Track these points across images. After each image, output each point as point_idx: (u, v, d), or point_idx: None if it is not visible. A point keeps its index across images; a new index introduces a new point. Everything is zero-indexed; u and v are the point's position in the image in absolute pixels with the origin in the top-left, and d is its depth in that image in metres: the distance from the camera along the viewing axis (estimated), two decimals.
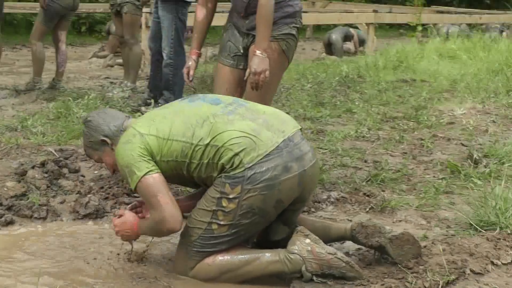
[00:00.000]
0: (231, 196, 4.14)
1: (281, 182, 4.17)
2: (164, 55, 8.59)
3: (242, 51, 5.58)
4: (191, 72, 5.62)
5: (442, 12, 22.39)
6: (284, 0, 5.49)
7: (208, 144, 4.17)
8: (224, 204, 4.17)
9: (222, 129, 4.19)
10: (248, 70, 5.28)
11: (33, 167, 5.99)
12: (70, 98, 8.85)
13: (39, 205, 5.43)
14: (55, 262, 4.54)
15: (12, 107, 9.24)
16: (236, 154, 4.12)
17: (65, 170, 6.07)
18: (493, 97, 10.00)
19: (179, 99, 4.74)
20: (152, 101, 8.70)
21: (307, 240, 4.28)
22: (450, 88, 10.76)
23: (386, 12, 19.76)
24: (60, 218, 5.39)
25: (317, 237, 4.33)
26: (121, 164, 4.27)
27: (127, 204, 5.60)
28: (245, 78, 5.33)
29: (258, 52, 5.24)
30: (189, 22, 8.34)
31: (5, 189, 5.63)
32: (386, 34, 24.25)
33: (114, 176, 5.94)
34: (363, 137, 7.61)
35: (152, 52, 8.97)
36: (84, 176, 6.07)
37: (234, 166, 4.13)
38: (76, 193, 5.74)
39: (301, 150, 4.31)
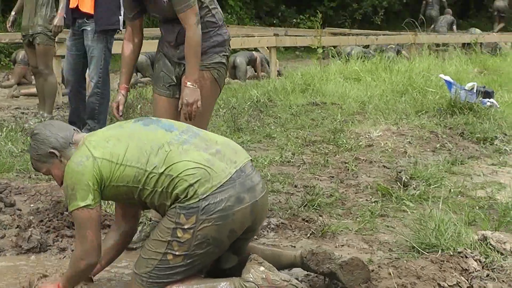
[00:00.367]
0: (186, 227, 4.19)
1: (235, 213, 4.24)
2: (92, 84, 8.55)
3: (175, 80, 5.63)
4: (121, 107, 5.65)
5: (336, 34, 22.82)
6: (213, 29, 5.58)
7: (162, 173, 4.22)
8: (179, 235, 4.21)
9: (177, 159, 4.24)
10: (180, 102, 5.36)
11: None
12: None
13: None
14: None
15: None
16: (191, 185, 4.17)
17: (0, 205, 6.01)
18: (404, 118, 10.16)
19: (133, 120, 4.73)
20: (82, 130, 8.62)
21: (261, 268, 4.35)
22: (360, 110, 10.92)
23: (286, 35, 20.05)
24: (4, 253, 5.33)
25: (271, 265, 4.41)
26: (68, 183, 4.29)
27: (69, 237, 5.63)
28: (179, 109, 5.38)
29: (189, 83, 5.31)
30: None
31: None
32: (284, 57, 24.50)
33: (52, 209, 5.97)
34: (288, 162, 7.69)
35: (71, 84, 8.89)
36: (20, 210, 6.02)
37: (189, 196, 4.19)
38: (16, 227, 5.67)
39: (253, 181, 4.39)
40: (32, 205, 6.13)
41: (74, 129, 4.56)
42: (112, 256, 4.80)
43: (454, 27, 27.03)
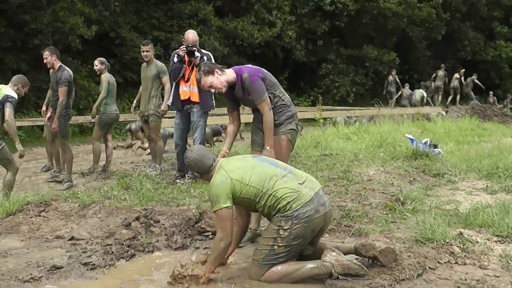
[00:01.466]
0: (285, 228, 4.55)
1: (314, 219, 4.59)
2: (196, 143, 8.64)
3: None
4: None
5: (326, 110, 23.09)
6: (285, 108, 5.83)
7: (271, 194, 4.60)
8: (281, 233, 4.57)
9: (281, 186, 4.63)
10: None
11: (133, 220, 6.18)
12: (130, 178, 8.86)
13: (147, 243, 5.64)
14: (163, 275, 4.69)
15: (83, 184, 9.36)
16: (288, 202, 4.56)
17: (151, 222, 6.21)
18: (386, 162, 10.30)
19: (252, 156, 5.06)
20: (186, 176, 8.90)
21: (334, 253, 4.68)
22: (355, 158, 10.92)
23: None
24: (161, 251, 5.58)
25: (339, 251, 4.74)
26: (213, 193, 4.65)
27: (200, 240, 5.88)
28: None
29: (267, 147, 5.59)
30: None
31: (122, 234, 5.85)
32: None
33: (185, 223, 6.21)
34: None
35: (180, 147, 9.02)
36: (164, 225, 6.20)
37: (287, 209, 4.56)
38: (164, 235, 5.91)
39: (324, 199, 4.73)
40: (170, 221, 6.28)
41: (213, 159, 4.92)
42: (236, 242, 5.11)
43: (413, 98, 27.07)
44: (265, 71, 5.88)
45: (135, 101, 10.74)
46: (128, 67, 22.21)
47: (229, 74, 5.70)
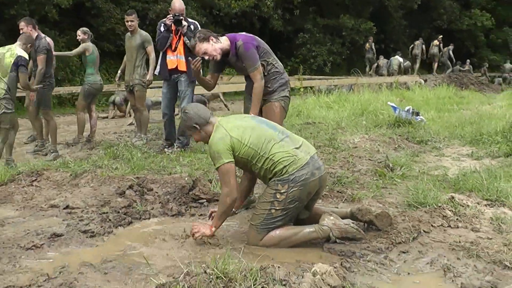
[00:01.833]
0: (282, 191, 4.61)
1: (310, 182, 4.65)
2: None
3: None
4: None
5: (305, 79, 23.13)
6: (278, 76, 5.87)
7: (267, 157, 4.64)
8: (278, 196, 4.62)
9: (278, 150, 4.66)
10: None
11: (127, 189, 6.19)
12: (116, 147, 8.90)
13: (143, 211, 5.66)
14: (164, 242, 4.80)
15: (68, 155, 9.31)
16: (285, 166, 4.61)
17: (144, 190, 6.23)
18: (370, 129, 10.45)
19: (251, 117, 5.04)
20: (174, 144, 8.93)
21: (331, 217, 4.75)
22: (338, 126, 11.07)
23: None
24: (158, 218, 5.59)
25: (336, 215, 4.83)
26: (214, 149, 4.63)
27: (195, 207, 5.94)
28: None
29: (252, 114, 5.57)
30: None
31: (118, 202, 5.86)
32: None
33: (179, 191, 6.24)
34: None
35: (167, 116, 9.03)
36: (157, 193, 6.20)
37: (283, 173, 4.61)
38: (159, 203, 5.94)
39: (319, 163, 4.79)
40: (164, 189, 6.28)
41: (211, 113, 4.91)
42: (245, 195, 5.24)
43: (390, 66, 27.09)
44: (259, 39, 5.90)
45: (119, 71, 10.74)
46: (104, 38, 22.00)
47: (224, 42, 5.74)
